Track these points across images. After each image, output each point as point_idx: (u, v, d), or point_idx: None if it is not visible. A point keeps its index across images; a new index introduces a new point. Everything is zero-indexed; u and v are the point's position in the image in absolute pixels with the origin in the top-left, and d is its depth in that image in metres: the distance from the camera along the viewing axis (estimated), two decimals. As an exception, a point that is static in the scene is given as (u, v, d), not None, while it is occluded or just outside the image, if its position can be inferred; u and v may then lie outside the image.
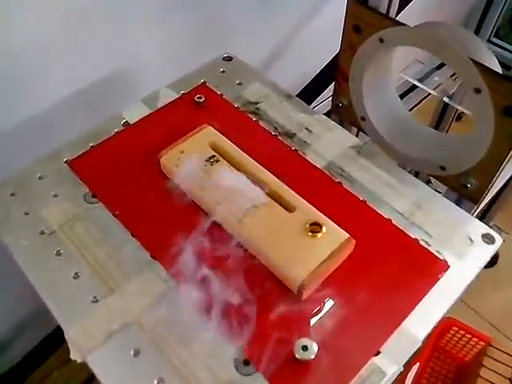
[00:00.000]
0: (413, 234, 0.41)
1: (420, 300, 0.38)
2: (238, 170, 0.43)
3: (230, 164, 0.43)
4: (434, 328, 0.37)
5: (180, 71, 0.56)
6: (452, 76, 0.97)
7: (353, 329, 0.36)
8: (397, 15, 0.66)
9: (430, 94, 1.13)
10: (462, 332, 0.81)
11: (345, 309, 0.37)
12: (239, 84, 0.55)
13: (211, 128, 0.46)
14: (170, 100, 0.53)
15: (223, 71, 0.56)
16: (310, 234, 0.38)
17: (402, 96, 1.00)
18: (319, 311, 0.37)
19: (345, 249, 0.38)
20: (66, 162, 0.47)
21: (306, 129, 0.50)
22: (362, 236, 0.39)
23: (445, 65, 1.05)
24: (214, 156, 0.44)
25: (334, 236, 0.38)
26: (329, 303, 0.37)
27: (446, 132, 1.04)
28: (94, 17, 0.57)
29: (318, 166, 0.46)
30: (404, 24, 0.60)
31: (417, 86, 1.04)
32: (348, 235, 0.38)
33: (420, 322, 0.37)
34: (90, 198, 0.44)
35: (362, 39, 0.65)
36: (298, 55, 0.88)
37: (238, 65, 0.57)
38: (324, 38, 0.78)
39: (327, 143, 0.49)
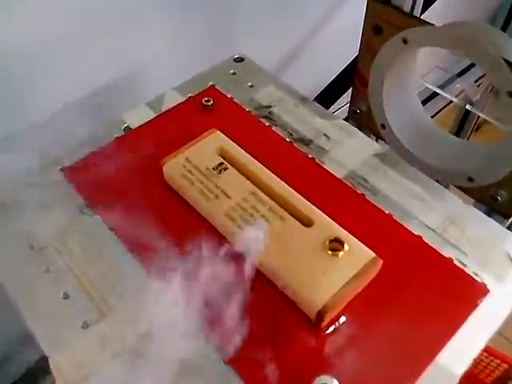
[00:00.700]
0: (446, 252, 0.36)
1: (457, 329, 0.33)
2: (248, 179, 0.38)
3: (239, 172, 0.39)
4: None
5: (189, 75, 0.52)
6: (476, 82, 0.92)
7: (380, 363, 0.31)
8: (421, 15, 0.61)
9: (448, 103, 1.08)
10: (485, 354, 0.75)
11: (370, 339, 0.32)
12: (251, 86, 0.51)
13: (220, 133, 0.42)
14: (175, 103, 0.49)
15: (234, 73, 0.52)
16: (329, 252, 0.33)
17: (420, 104, 0.95)
18: (341, 341, 0.32)
19: (370, 270, 0.33)
20: (60, 169, 0.43)
21: (324, 135, 0.45)
22: (389, 255, 0.34)
23: (467, 71, 1.00)
24: (222, 163, 0.39)
25: (358, 255, 0.33)
26: (352, 332, 0.32)
27: (467, 142, 0.99)
28: (98, 16, 0.53)
29: (337, 175, 0.42)
30: (430, 23, 0.55)
31: (435, 95, 0.99)
32: (374, 254, 0.33)
33: (457, 355, 0.32)
34: (85, 210, 0.40)
35: (383, 41, 0.61)
36: (314, 59, 0.84)
37: (250, 66, 0.53)
38: (341, 42, 0.73)
39: (348, 151, 0.44)
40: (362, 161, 0.43)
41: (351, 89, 0.73)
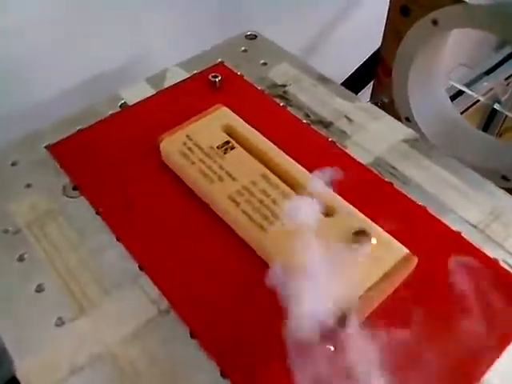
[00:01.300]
0: (490, 252, 0.31)
1: (508, 343, 0.27)
2: (258, 160, 0.33)
3: (248, 152, 0.33)
4: None
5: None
6: (507, 79, 0.87)
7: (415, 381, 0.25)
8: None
9: (474, 102, 1.02)
10: None
11: (402, 351, 0.26)
12: (264, 64, 0.45)
13: (226, 109, 0.36)
14: (179, 80, 0.43)
15: (245, 50, 0.47)
16: (354, 245, 0.28)
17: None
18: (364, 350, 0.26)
19: (403, 269, 0.27)
20: (46, 146, 0.38)
21: (346, 117, 0.40)
22: (424, 253, 0.28)
23: (495, 69, 0.94)
24: (228, 142, 0.34)
25: (388, 250, 0.28)
26: (381, 345, 0.26)
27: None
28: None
29: (361, 161, 0.36)
30: (463, 1, 0.50)
31: (460, 93, 0.94)
32: (407, 250, 0.28)
33: (507, 376, 0.26)
34: (69, 191, 0.35)
35: (411, 23, 0.55)
36: (336, 49, 0.78)
37: (264, 43, 0.48)
38: (368, 30, 0.68)
39: (373, 135, 0.38)
40: (390, 146, 0.37)
41: (373, 80, 0.68)
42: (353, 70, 0.75)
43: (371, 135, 0.38)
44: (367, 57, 0.72)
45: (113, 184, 0.35)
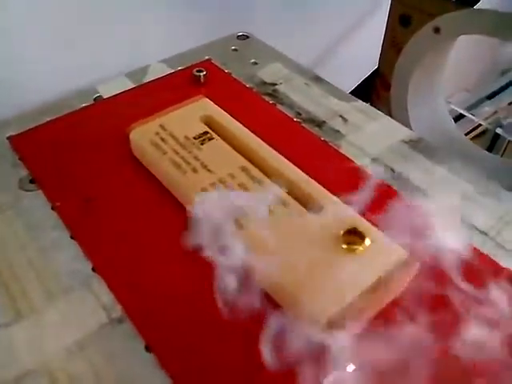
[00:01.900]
0: (502, 261, 0.26)
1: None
2: (239, 152, 0.29)
3: (228, 144, 0.29)
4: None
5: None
6: (510, 104, 0.84)
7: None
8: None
9: (473, 129, 0.99)
10: None
11: (403, 376, 0.22)
12: (254, 64, 0.42)
13: (207, 100, 0.33)
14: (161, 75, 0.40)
15: (235, 49, 0.44)
16: (344, 246, 0.23)
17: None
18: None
19: (401, 275, 0.23)
20: (8, 137, 0.34)
21: (340, 117, 0.36)
22: (427, 260, 0.24)
23: (497, 94, 0.92)
24: (206, 133, 0.30)
25: (385, 253, 0.23)
26: (373, 361, 0.22)
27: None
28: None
29: (356, 161, 0.32)
30: (467, 6, 0.47)
31: (460, 118, 0.91)
32: (407, 253, 0.23)
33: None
34: (26, 184, 0.31)
35: (411, 33, 0.53)
36: (338, 64, 0.76)
37: (256, 43, 0.45)
38: (367, 50, 0.65)
39: (370, 135, 0.35)
40: (389, 148, 0.34)
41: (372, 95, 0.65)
42: (354, 86, 0.72)
43: (367, 135, 0.35)
44: (369, 72, 0.69)
45: (75, 177, 0.31)
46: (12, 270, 0.26)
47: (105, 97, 0.38)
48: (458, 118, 0.85)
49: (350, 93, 0.73)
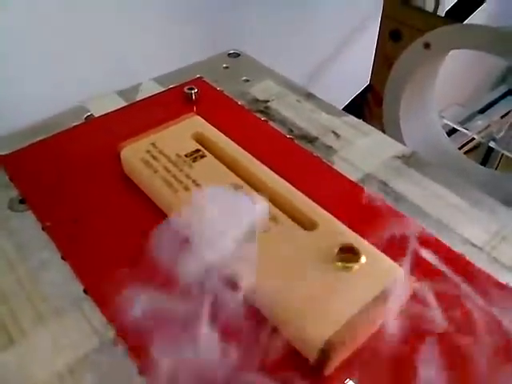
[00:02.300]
0: (496, 274, 0.26)
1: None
2: (231, 170, 0.29)
3: (220, 162, 0.29)
4: None
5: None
6: (502, 117, 0.85)
7: None
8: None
9: (466, 142, 1.00)
10: None
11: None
12: (246, 81, 0.42)
13: (199, 117, 0.33)
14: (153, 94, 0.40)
15: (226, 67, 0.44)
16: (339, 264, 0.23)
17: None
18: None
19: (398, 292, 0.23)
20: (-2, 157, 0.34)
21: (333, 132, 0.36)
22: (423, 276, 0.24)
23: (490, 107, 0.93)
24: (198, 150, 0.30)
25: (382, 270, 0.23)
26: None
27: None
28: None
29: (349, 177, 0.32)
30: (455, 22, 0.48)
31: (453, 132, 0.91)
32: (403, 270, 0.23)
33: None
34: (16, 205, 0.30)
35: (402, 48, 0.53)
36: (331, 80, 0.76)
37: (247, 61, 0.45)
38: (358, 65, 0.66)
39: (362, 151, 0.35)
40: (382, 163, 0.34)
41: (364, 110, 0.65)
42: (347, 102, 0.72)
43: (360, 151, 0.35)
44: (362, 88, 0.69)
45: (65, 197, 0.30)
46: (1, 292, 0.25)
47: (96, 115, 0.38)
48: (452, 132, 0.86)
49: (343, 109, 0.74)
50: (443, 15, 0.51)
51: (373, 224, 0.28)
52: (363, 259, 0.23)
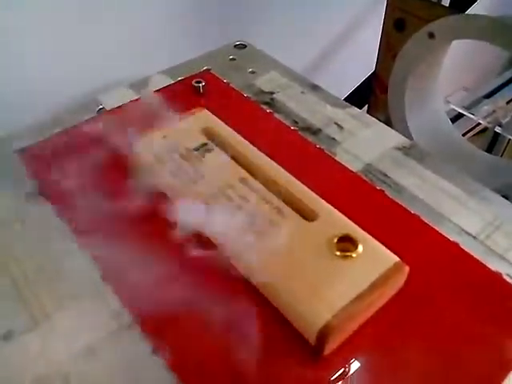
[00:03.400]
0: (491, 264, 0.28)
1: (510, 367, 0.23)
2: (238, 163, 0.30)
3: (228, 155, 0.31)
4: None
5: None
6: (508, 103, 0.85)
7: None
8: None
9: (472, 127, 1.00)
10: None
11: (391, 377, 0.23)
12: (252, 73, 0.44)
13: (207, 112, 0.34)
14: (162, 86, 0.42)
15: (233, 59, 0.45)
16: (338, 253, 0.25)
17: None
18: (347, 379, 0.23)
19: (392, 279, 0.24)
20: (14, 151, 0.36)
21: (336, 124, 0.38)
22: (417, 263, 0.25)
23: (496, 92, 0.93)
24: (206, 144, 0.31)
25: (377, 258, 0.25)
26: (367, 366, 0.23)
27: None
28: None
29: (351, 168, 0.34)
30: (460, 13, 0.48)
31: (459, 117, 0.92)
32: (398, 259, 0.25)
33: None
34: (34, 197, 0.32)
35: (406, 37, 0.54)
36: (336, 67, 0.77)
37: (253, 52, 0.46)
38: (367, 49, 0.66)
39: (364, 142, 0.36)
40: (382, 154, 0.35)
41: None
42: (352, 89, 0.73)
43: (362, 142, 0.36)
44: (367, 75, 0.70)
45: (81, 189, 0.32)
46: (25, 279, 0.27)
47: (108, 108, 0.39)
48: (458, 117, 0.86)
49: (348, 95, 0.74)
50: (447, 5, 0.52)
51: (372, 214, 0.29)
52: (360, 248, 0.25)
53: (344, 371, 0.23)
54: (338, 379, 0.23)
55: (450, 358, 0.23)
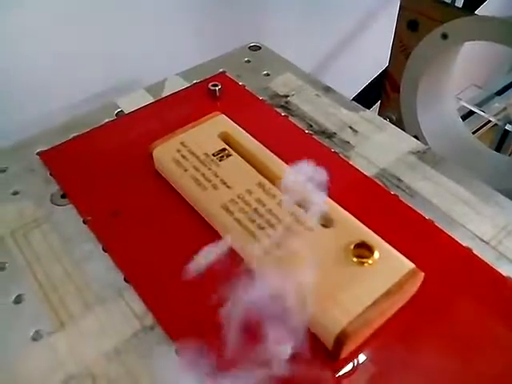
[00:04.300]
0: (502, 269, 0.28)
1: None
2: (255, 168, 0.31)
3: (245, 160, 0.31)
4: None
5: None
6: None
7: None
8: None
9: (484, 124, 1.00)
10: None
11: (404, 378, 0.24)
12: (267, 75, 0.44)
13: (224, 116, 0.35)
14: (178, 89, 0.42)
15: (248, 61, 0.46)
16: (354, 259, 0.25)
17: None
18: (363, 381, 0.24)
19: (408, 285, 0.25)
20: (37, 153, 0.37)
21: (350, 128, 0.38)
22: (430, 269, 0.26)
23: (507, 89, 0.93)
24: (224, 149, 0.32)
25: (393, 265, 0.25)
26: (381, 370, 0.24)
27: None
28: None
29: (365, 173, 0.34)
30: (473, 14, 0.49)
31: (470, 114, 0.92)
32: (413, 265, 0.25)
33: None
34: (58, 199, 0.33)
35: (419, 38, 0.54)
36: (347, 65, 0.77)
37: (268, 54, 0.47)
38: (377, 47, 0.67)
39: (378, 146, 0.37)
40: (396, 158, 0.36)
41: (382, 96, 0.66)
42: (363, 87, 0.73)
43: (376, 146, 0.36)
44: (378, 73, 0.70)
45: (103, 192, 0.33)
46: (50, 281, 0.28)
47: (126, 111, 0.40)
48: (469, 114, 0.86)
49: (360, 93, 0.75)
50: (461, 6, 0.52)
51: (387, 219, 0.30)
52: (376, 255, 0.26)
53: (357, 372, 0.24)
54: (351, 380, 0.23)
55: (463, 359, 0.24)
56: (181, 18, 0.56)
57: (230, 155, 0.32)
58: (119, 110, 0.40)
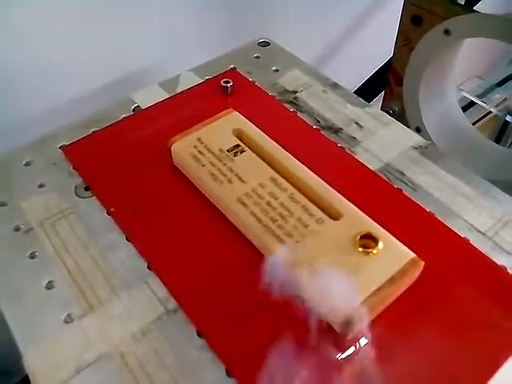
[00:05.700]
0: (498, 259, 0.31)
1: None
2: (267, 163, 0.33)
3: (258, 156, 0.34)
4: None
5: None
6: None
7: (418, 389, 0.25)
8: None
9: (486, 113, 1.02)
10: None
11: (404, 359, 0.26)
12: (276, 71, 0.46)
13: (237, 113, 0.37)
14: (192, 85, 0.44)
15: (257, 57, 0.48)
16: (360, 249, 0.28)
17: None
18: (367, 360, 0.26)
19: (409, 273, 0.27)
20: (60, 147, 0.39)
21: (356, 123, 0.40)
22: (430, 258, 0.28)
23: (508, 80, 0.94)
24: (238, 145, 0.34)
25: (395, 254, 0.28)
26: (382, 352, 0.26)
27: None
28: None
29: (370, 167, 0.36)
30: (475, 11, 0.50)
31: (471, 105, 0.93)
32: (414, 254, 0.28)
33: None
34: (81, 191, 0.35)
35: (422, 33, 0.56)
36: (349, 57, 0.79)
37: (276, 50, 0.49)
38: (380, 40, 0.68)
39: (382, 141, 0.39)
40: (399, 153, 0.38)
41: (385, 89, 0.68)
42: (366, 79, 0.75)
43: (381, 141, 0.38)
44: (380, 65, 0.72)
45: (124, 185, 0.35)
46: (79, 269, 0.31)
47: (142, 107, 0.42)
48: (470, 104, 0.88)
49: (364, 84, 0.76)
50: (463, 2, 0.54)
51: (391, 212, 0.32)
52: (381, 245, 0.28)
53: (360, 353, 0.26)
54: (354, 360, 0.26)
55: (460, 343, 0.27)
56: (186, 14, 0.57)
57: (244, 151, 0.34)
58: (136, 105, 0.42)
